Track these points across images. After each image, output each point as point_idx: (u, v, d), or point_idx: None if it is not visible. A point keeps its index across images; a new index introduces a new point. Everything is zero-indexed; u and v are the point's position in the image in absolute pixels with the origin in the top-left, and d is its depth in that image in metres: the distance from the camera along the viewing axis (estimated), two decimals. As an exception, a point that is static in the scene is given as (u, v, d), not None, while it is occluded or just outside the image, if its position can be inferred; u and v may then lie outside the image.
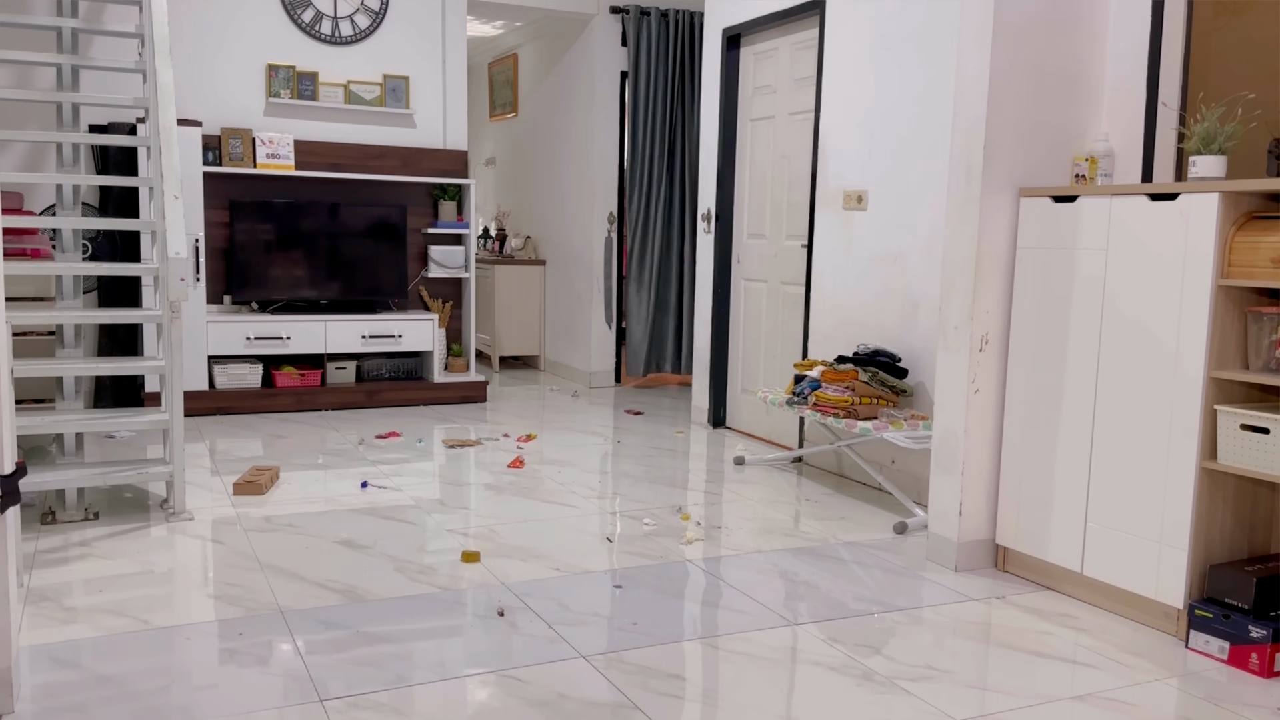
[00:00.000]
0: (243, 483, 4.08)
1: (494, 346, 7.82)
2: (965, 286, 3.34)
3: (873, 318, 4.48)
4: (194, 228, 5.58)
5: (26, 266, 3.73)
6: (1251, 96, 2.99)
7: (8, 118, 5.40)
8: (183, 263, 3.66)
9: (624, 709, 2.36)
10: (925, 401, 4.19)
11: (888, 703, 2.43)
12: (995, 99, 3.24)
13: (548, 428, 5.60)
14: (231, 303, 6.01)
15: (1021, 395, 3.31)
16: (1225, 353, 2.75)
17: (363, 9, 6.24)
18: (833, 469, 4.78)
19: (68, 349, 4.13)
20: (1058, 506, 3.18)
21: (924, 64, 4.18)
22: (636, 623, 2.87)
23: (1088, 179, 3.27)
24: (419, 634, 2.75)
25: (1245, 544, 2.89)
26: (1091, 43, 3.36)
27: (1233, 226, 2.70)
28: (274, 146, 5.95)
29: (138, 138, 4.17)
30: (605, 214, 7.06)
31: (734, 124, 5.54)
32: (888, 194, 4.39)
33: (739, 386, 5.61)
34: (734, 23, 5.39)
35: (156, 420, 3.76)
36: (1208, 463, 2.75)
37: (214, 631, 2.74)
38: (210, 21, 5.91)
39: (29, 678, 2.43)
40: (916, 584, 3.27)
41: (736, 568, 3.38)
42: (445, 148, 6.52)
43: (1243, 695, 2.51)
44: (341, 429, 5.42)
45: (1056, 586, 3.24)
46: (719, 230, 5.60)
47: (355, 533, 3.63)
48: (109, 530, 3.60)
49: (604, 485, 4.40)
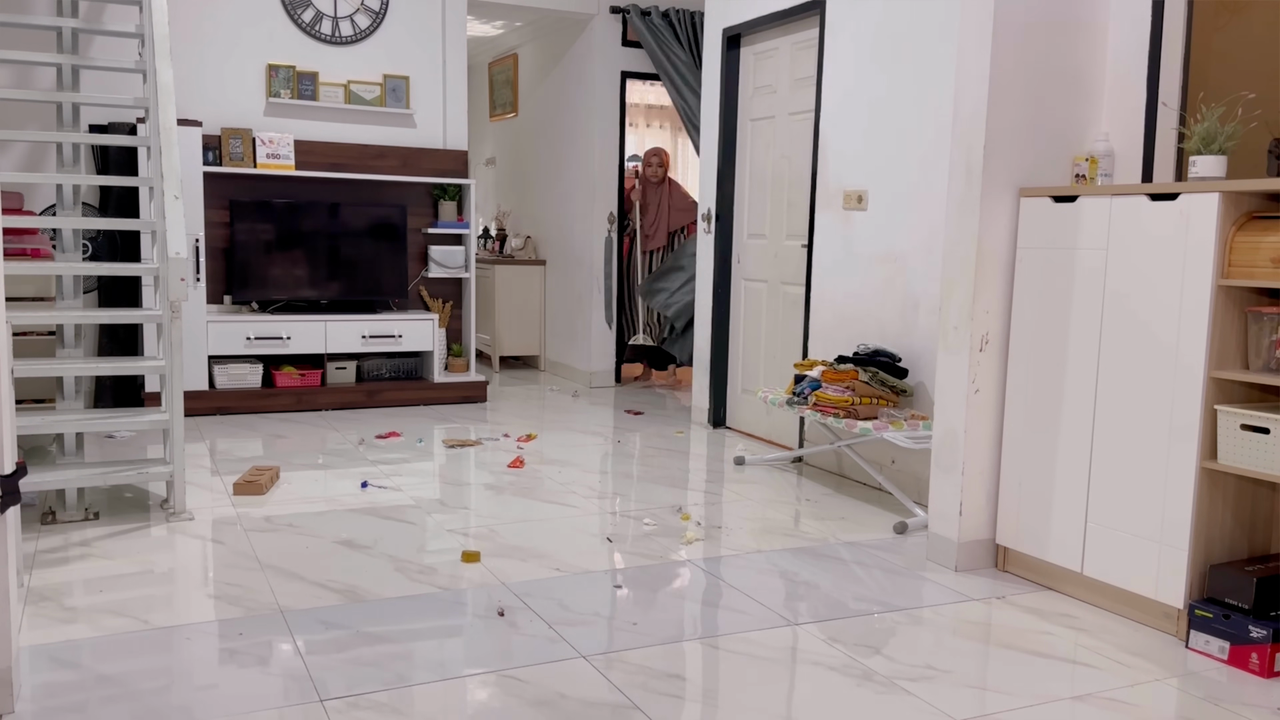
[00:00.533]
0: (243, 483, 4.08)
1: (494, 346, 7.82)
2: (965, 286, 3.34)
3: (873, 318, 4.48)
4: (194, 228, 5.58)
5: (26, 266, 3.73)
6: (1251, 96, 2.99)
7: (8, 118, 5.40)
8: (183, 263, 3.66)
9: (624, 709, 2.36)
10: (925, 401, 4.19)
11: (888, 703, 2.43)
12: (995, 99, 3.24)
13: (548, 428, 5.60)
14: (231, 303, 6.01)
15: (1021, 395, 3.31)
16: (1225, 353, 2.75)
17: (363, 9, 6.24)
18: (833, 469, 4.77)
19: (68, 349, 4.13)
20: (1058, 506, 3.18)
21: (924, 64, 4.18)
22: (636, 623, 2.87)
23: (1088, 179, 3.27)
24: (419, 634, 2.75)
25: (1245, 544, 2.89)
26: (1091, 42, 3.36)
27: (1233, 226, 2.70)
28: (274, 146, 5.95)
29: (138, 138, 4.18)
30: (605, 214, 7.06)
31: (734, 124, 5.54)
32: (888, 194, 4.39)
33: (739, 386, 5.61)
34: (734, 23, 5.39)
35: (156, 420, 3.76)
36: (1208, 463, 2.74)
37: (214, 631, 2.74)
38: (210, 21, 5.91)
39: (29, 678, 2.43)
40: (916, 584, 3.27)
41: (736, 568, 3.37)
42: (445, 148, 6.52)
43: (1243, 695, 2.51)
44: (342, 429, 5.43)
45: (1056, 586, 3.24)
46: (719, 230, 5.60)
47: (355, 533, 3.63)
48: (109, 530, 3.60)
49: (604, 485, 4.40)
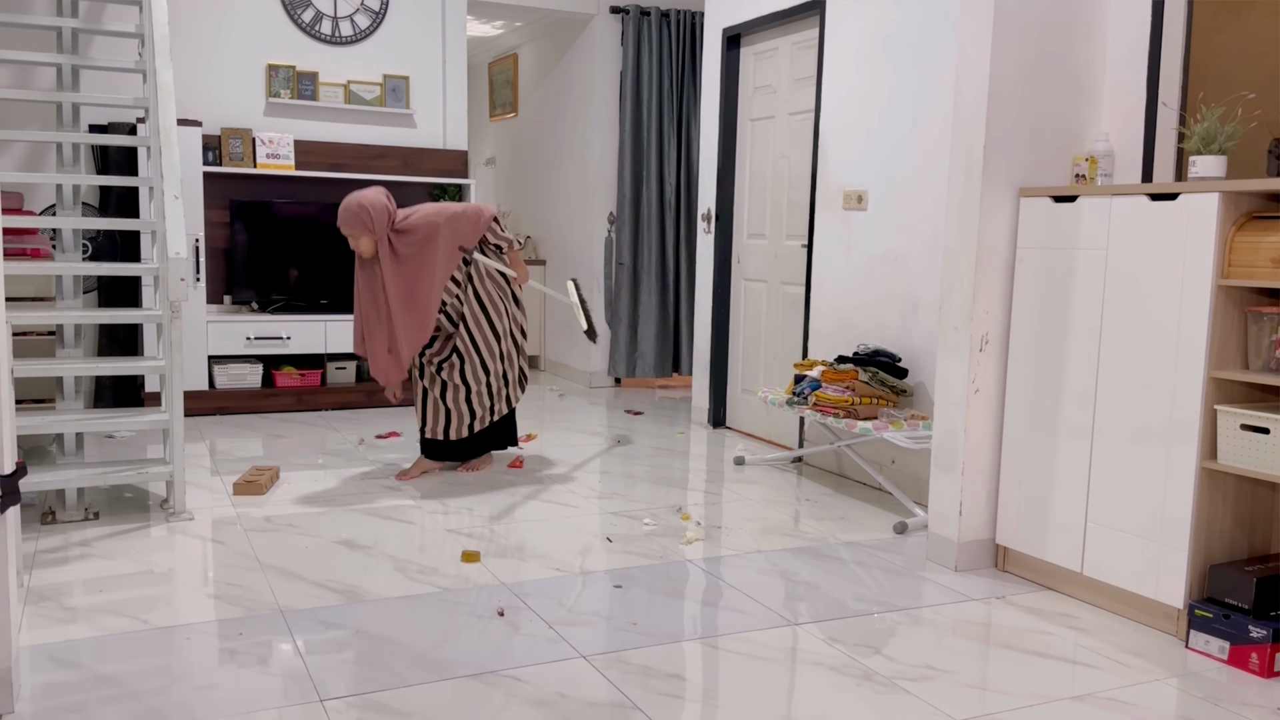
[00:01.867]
0: (243, 483, 4.08)
1: (494, 346, 7.82)
2: (965, 286, 3.34)
3: (873, 318, 4.48)
4: (194, 228, 5.58)
5: (26, 266, 3.73)
6: (1251, 96, 2.99)
7: (8, 118, 5.40)
8: (183, 263, 3.66)
9: (624, 709, 2.36)
10: (925, 401, 4.19)
11: (888, 703, 2.43)
12: (995, 98, 3.24)
13: (548, 428, 5.60)
14: (231, 303, 6.01)
15: (1021, 395, 3.31)
16: (1225, 353, 2.75)
17: (363, 9, 6.24)
18: (833, 469, 4.77)
19: (68, 349, 4.13)
20: (1058, 506, 3.18)
21: (924, 64, 4.18)
22: (636, 623, 2.87)
23: (1088, 179, 3.27)
24: (419, 634, 2.75)
25: (1245, 544, 2.89)
26: (1091, 43, 3.36)
27: (1233, 226, 2.70)
28: (274, 146, 5.95)
29: (138, 138, 4.18)
30: (605, 214, 7.06)
31: (734, 124, 5.54)
32: (888, 194, 4.39)
33: (739, 386, 5.61)
34: (734, 23, 5.39)
35: (156, 420, 3.76)
36: (1208, 463, 2.74)
37: (214, 631, 2.74)
38: (210, 21, 5.91)
39: (29, 678, 2.43)
40: (916, 584, 3.27)
41: (736, 568, 3.38)
42: (445, 148, 6.52)
43: (1243, 695, 2.51)
44: (341, 429, 5.42)
45: (1056, 586, 3.24)
46: (719, 230, 5.60)
47: (355, 533, 3.63)
48: (109, 530, 3.60)
49: (604, 485, 4.40)
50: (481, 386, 4.33)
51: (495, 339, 4.32)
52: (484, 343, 4.30)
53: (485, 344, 4.30)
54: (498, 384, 4.38)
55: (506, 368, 4.39)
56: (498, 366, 4.35)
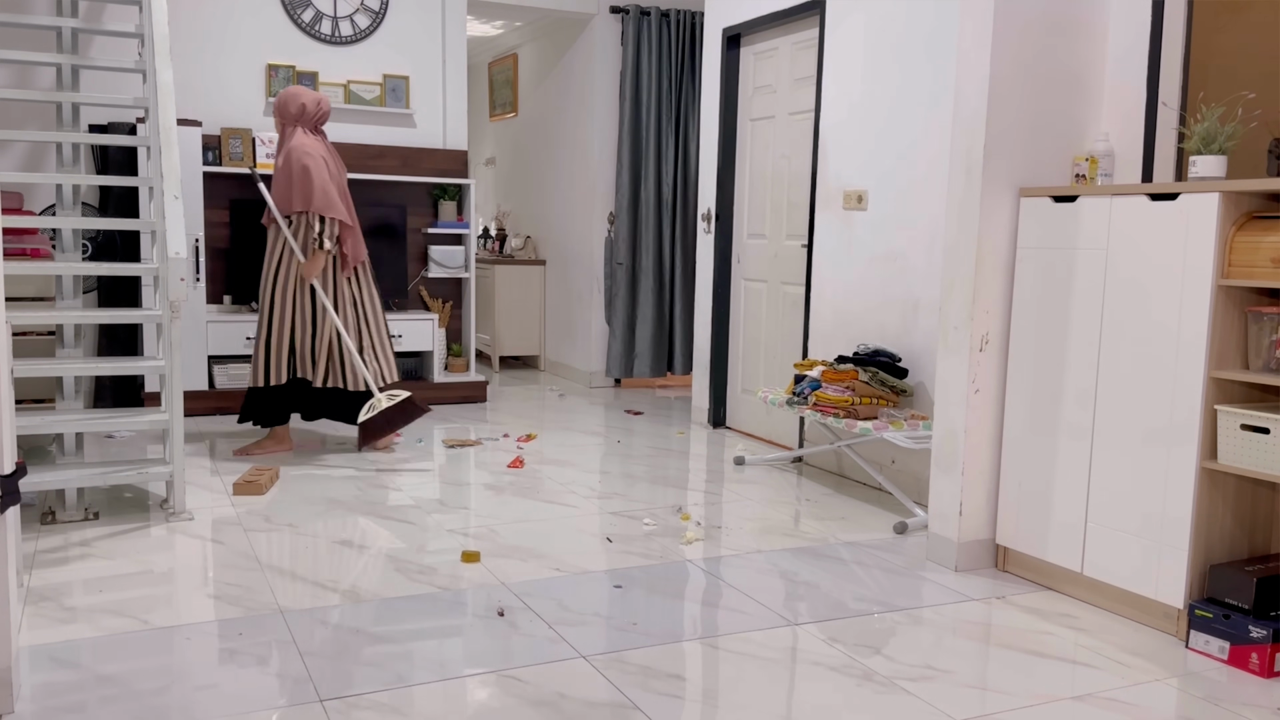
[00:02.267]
0: (243, 483, 4.08)
1: (494, 346, 7.82)
2: (965, 286, 3.34)
3: (873, 318, 4.48)
4: (194, 228, 5.58)
5: (26, 266, 3.73)
6: (1251, 96, 2.99)
7: (8, 118, 5.40)
8: (183, 263, 3.66)
9: (624, 709, 2.36)
10: (925, 401, 4.19)
11: (888, 703, 2.43)
12: (995, 98, 3.24)
13: (548, 428, 5.60)
14: (231, 303, 6.00)
15: (1021, 395, 3.31)
16: (1225, 352, 2.75)
17: (363, 9, 6.24)
18: (833, 469, 4.77)
19: (68, 349, 4.13)
20: (1058, 506, 3.18)
21: (924, 63, 4.18)
22: (636, 623, 2.87)
23: (1088, 179, 3.27)
24: (419, 634, 2.75)
25: (1245, 544, 2.89)
26: (1091, 42, 3.36)
27: (1233, 226, 2.70)
28: (274, 146, 5.94)
29: (138, 138, 4.18)
30: (605, 214, 7.06)
31: (734, 124, 5.54)
32: (888, 194, 4.39)
33: (739, 386, 5.61)
34: (734, 22, 5.39)
35: (156, 420, 3.76)
36: (1208, 463, 2.74)
37: (214, 631, 2.74)
38: (210, 21, 5.91)
39: (29, 678, 2.43)
40: (916, 584, 3.27)
41: (736, 568, 3.37)
42: (445, 148, 6.52)
43: (1243, 695, 2.51)
44: (341, 428, 5.42)
45: (1056, 586, 3.24)
46: (719, 230, 5.60)
47: (355, 533, 3.63)
48: (109, 530, 3.60)
49: (604, 485, 4.40)
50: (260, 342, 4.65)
51: (270, 298, 4.60)
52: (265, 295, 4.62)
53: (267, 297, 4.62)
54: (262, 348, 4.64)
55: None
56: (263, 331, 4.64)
